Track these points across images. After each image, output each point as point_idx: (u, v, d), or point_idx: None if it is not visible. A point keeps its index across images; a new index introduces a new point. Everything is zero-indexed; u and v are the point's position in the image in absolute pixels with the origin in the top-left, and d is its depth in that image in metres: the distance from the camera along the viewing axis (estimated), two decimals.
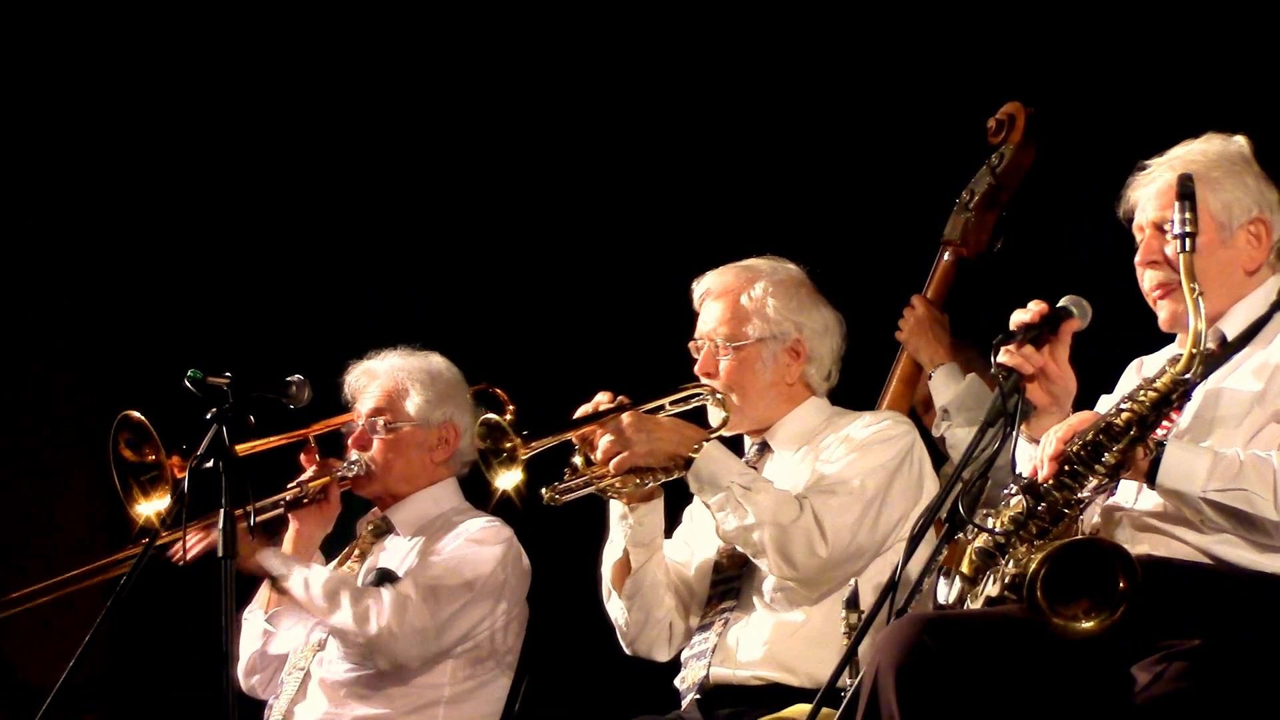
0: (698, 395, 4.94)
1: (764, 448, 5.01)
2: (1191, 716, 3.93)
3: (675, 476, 4.82)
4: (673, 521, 5.09)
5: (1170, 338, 4.32)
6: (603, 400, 4.83)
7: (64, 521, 7.24)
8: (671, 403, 4.89)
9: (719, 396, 4.92)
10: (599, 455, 4.76)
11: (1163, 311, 4.28)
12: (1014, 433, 4.11)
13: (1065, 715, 3.98)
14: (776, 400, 4.98)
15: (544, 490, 4.75)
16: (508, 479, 4.74)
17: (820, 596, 4.75)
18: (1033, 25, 6.30)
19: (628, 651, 5.07)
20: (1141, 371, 4.35)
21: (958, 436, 5.34)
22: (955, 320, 5.68)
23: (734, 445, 5.02)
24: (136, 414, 5.45)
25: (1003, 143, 5.59)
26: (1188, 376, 4.00)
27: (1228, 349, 4.22)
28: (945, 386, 5.43)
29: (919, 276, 5.60)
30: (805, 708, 4.47)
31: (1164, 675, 3.95)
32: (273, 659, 5.64)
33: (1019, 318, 4.24)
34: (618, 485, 4.79)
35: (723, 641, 4.83)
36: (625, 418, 4.73)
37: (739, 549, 4.79)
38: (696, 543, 5.07)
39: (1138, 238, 4.33)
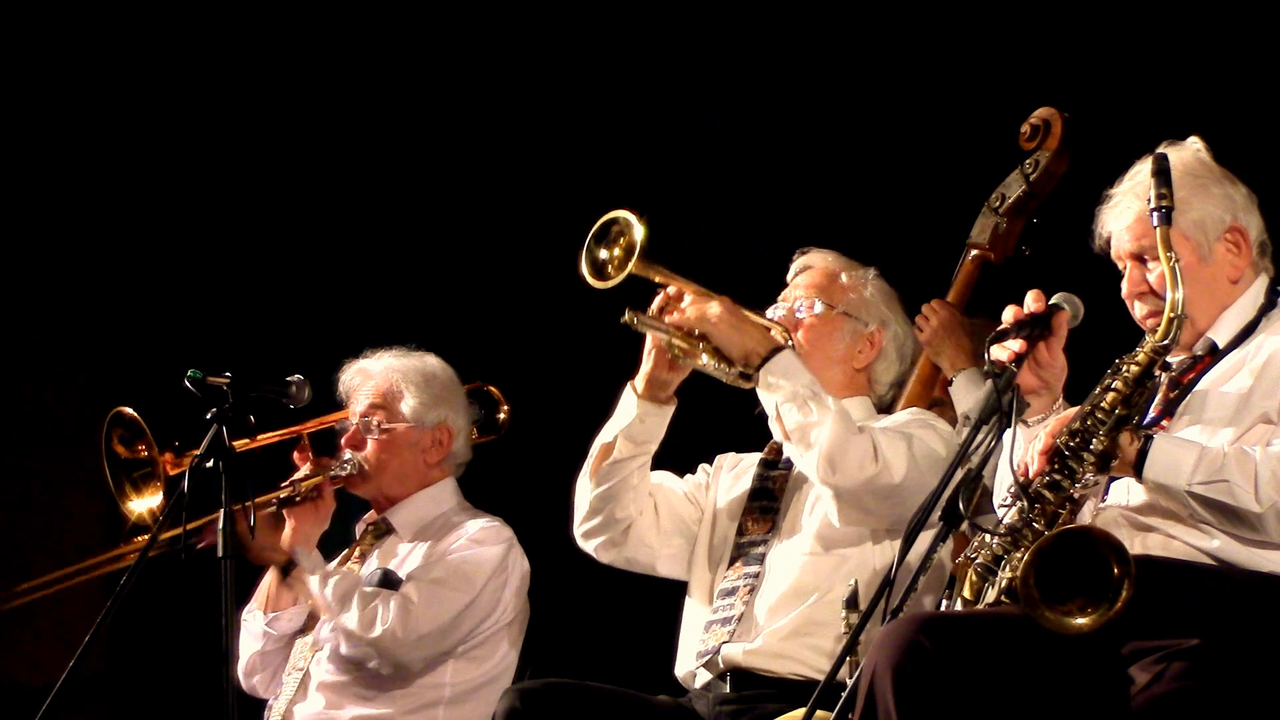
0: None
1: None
2: (1190, 716, 3.93)
3: (723, 374, 4.86)
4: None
5: None
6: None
7: (63, 524, 7.24)
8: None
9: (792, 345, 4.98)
10: (682, 314, 4.85)
11: None
12: (1012, 429, 4.10)
13: (1063, 715, 3.99)
14: (839, 378, 5.04)
15: (629, 311, 4.83)
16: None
17: (845, 519, 4.78)
18: (1056, 25, 6.27)
19: (575, 535, 5.13)
20: None
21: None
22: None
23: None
24: (129, 410, 5.47)
25: (1037, 149, 5.48)
26: (1165, 343, 4.03)
27: (1218, 356, 4.23)
28: (967, 392, 5.37)
29: (935, 275, 5.54)
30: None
31: (1163, 675, 3.95)
32: (273, 658, 5.65)
33: (1009, 316, 4.26)
34: (680, 343, 4.86)
35: (749, 611, 4.88)
36: (719, 302, 4.84)
37: (791, 446, 4.81)
38: (723, 492, 5.14)
39: (1120, 267, 4.34)
